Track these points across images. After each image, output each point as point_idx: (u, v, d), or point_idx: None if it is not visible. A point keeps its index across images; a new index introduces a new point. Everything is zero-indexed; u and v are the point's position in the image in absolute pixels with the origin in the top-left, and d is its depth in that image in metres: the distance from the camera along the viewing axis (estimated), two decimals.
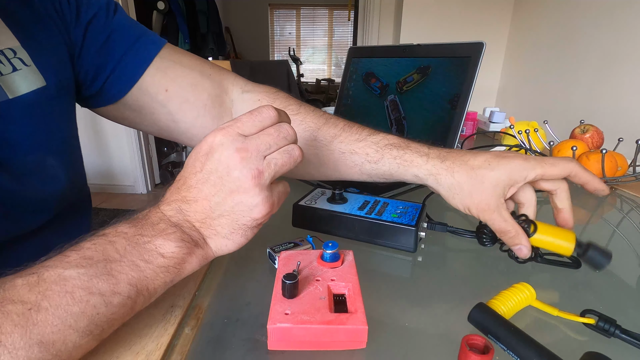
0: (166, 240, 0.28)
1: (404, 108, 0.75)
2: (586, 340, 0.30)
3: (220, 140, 0.29)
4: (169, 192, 0.31)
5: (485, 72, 2.06)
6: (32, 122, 0.34)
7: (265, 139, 0.30)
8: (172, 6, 3.02)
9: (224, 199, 0.30)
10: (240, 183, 0.29)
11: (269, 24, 5.03)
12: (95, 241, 0.27)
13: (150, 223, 0.29)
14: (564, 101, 1.52)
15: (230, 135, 0.29)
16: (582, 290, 0.37)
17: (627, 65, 1.20)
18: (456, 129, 0.66)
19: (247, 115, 0.30)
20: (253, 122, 0.30)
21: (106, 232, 0.28)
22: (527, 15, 1.86)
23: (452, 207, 0.39)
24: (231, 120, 0.30)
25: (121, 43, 0.40)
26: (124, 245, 0.27)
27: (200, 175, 0.30)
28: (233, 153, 0.29)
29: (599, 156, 0.65)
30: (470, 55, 0.64)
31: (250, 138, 0.30)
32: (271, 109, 0.31)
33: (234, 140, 0.29)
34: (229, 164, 0.29)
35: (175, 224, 0.30)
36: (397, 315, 0.33)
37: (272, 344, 0.28)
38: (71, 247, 0.26)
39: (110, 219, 1.87)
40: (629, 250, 0.47)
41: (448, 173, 0.37)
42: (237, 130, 0.29)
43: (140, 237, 0.28)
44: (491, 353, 0.24)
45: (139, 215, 0.30)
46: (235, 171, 0.29)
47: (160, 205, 0.31)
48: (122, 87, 0.40)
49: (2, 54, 0.32)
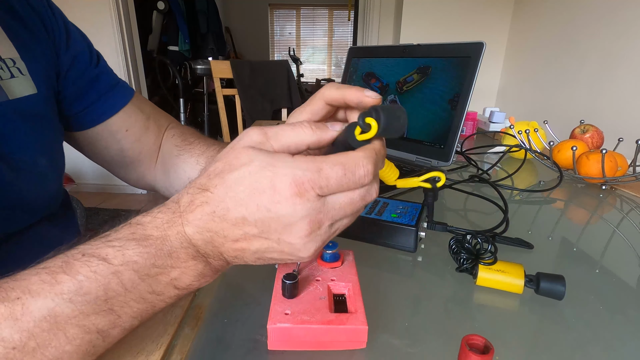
0: (185, 274, 0.25)
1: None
2: None
3: (294, 194, 0.22)
4: (196, 209, 0.24)
5: (485, 72, 2.06)
6: (25, 123, 0.38)
7: (346, 209, 0.24)
8: (172, 6, 3.01)
9: (270, 253, 0.25)
10: (297, 252, 0.25)
11: (269, 24, 5.03)
12: (95, 268, 0.22)
13: (168, 249, 0.24)
14: (564, 101, 1.52)
15: (308, 197, 0.23)
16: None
17: (627, 65, 1.20)
18: (456, 129, 0.66)
19: (339, 171, 0.23)
20: (340, 183, 0.23)
21: (109, 255, 0.23)
22: (527, 15, 1.86)
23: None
24: (315, 169, 0.22)
25: (103, 84, 0.47)
26: (131, 278, 0.23)
27: (251, 222, 0.23)
28: (304, 224, 0.23)
29: (599, 156, 0.65)
30: (470, 55, 0.64)
31: (328, 205, 0.24)
32: (369, 166, 0.23)
33: (312, 207, 0.23)
34: (293, 232, 0.23)
35: (202, 254, 0.25)
36: (397, 315, 0.33)
37: (272, 344, 0.28)
38: (64, 264, 0.22)
39: (110, 218, 1.86)
40: (629, 250, 0.47)
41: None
42: (317, 191, 0.23)
43: (153, 267, 0.24)
44: (491, 353, 0.24)
45: (153, 232, 0.24)
46: (297, 241, 0.24)
47: (184, 224, 0.24)
48: (94, 119, 0.46)
49: (4, 62, 0.36)
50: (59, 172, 0.44)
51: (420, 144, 0.72)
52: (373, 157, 0.24)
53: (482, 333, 0.26)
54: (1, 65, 0.36)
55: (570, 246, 0.47)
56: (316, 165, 0.23)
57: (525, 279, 0.35)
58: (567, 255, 0.45)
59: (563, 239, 0.49)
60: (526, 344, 0.30)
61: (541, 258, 0.43)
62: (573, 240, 0.49)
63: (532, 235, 0.49)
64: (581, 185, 0.70)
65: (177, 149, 0.51)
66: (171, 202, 0.26)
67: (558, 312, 0.33)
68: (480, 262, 0.36)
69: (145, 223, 0.25)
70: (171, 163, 0.51)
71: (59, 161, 0.45)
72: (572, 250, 0.46)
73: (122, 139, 0.49)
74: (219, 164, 0.25)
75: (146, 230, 0.24)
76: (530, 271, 0.35)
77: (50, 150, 0.42)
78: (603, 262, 0.44)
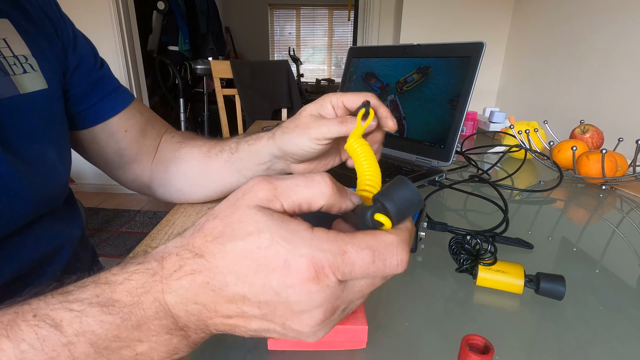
0: (154, 349, 0.21)
1: (404, 108, 0.75)
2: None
3: (311, 279, 0.19)
4: (184, 277, 0.20)
5: (485, 72, 2.06)
6: (36, 116, 0.40)
7: (365, 291, 0.22)
8: (172, 6, 3.01)
9: (270, 334, 0.22)
10: (304, 338, 0.21)
11: (269, 24, 5.03)
12: (44, 336, 0.19)
13: (136, 319, 0.20)
14: (564, 101, 1.52)
15: (328, 283, 0.19)
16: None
17: (627, 65, 1.20)
18: (456, 129, 0.66)
19: (367, 257, 0.20)
20: (367, 271, 0.20)
21: (63, 321, 0.19)
22: (527, 15, 1.86)
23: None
24: (339, 251, 0.19)
25: (106, 87, 0.49)
26: (85, 352, 0.19)
27: (253, 302, 0.20)
28: (319, 313, 0.20)
29: (599, 156, 0.65)
30: (470, 55, 0.64)
31: (348, 289, 0.21)
32: (403, 254, 0.20)
33: (331, 294, 0.20)
34: (303, 320, 0.20)
35: (181, 327, 0.21)
36: (397, 315, 0.33)
37: (272, 344, 0.28)
38: (9, 324, 0.19)
39: (110, 218, 1.85)
40: (629, 250, 0.47)
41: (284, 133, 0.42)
42: (339, 277, 0.19)
43: (116, 340, 0.20)
44: (491, 353, 0.24)
45: (122, 296, 0.20)
46: (307, 330, 0.20)
47: (165, 292, 0.20)
48: (95, 119, 0.48)
49: (16, 59, 0.38)
50: (67, 166, 0.45)
51: (420, 144, 0.72)
52: (407, 242, 0.21)
53: (482, 333, 0.26)
54: (14, 61, 0.38)
55: (570, 246, 0.47)
56: (340, 247, 0.19)
57: (525, 279, 0.35)
58: (567, 255, 0.45)
59: (563, 239, 0.49)
60: (526, 344, 0.30)
61: (541, 258, 0.43)
62: (573, 240, 0.49)
63: (532, 235, 0.49)
64: (581, 185, 0.70)
65: (178, 144, 0.53)
66: (152, 260, 0.21)
67: (558, 312, 0.33)
68: (480, 262, 0.36)
69: (115, 284, 0.20)
70: (171, 157, 0.52)
71: (67, 156, 0.46)
72: (572, 250, 0.46)
73: (121, 140, 0.50)
74: (217, 222, 0.21)
75: (114, 294, 0.20)
76: (530, 271, 0.35)
77: (59, 144, 0.43)
78: (603, 262, 0.44)
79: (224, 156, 0.49)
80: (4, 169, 0.35)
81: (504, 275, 0.35)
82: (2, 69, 0.37)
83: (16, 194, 0.37)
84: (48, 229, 0.43)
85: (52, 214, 0.44)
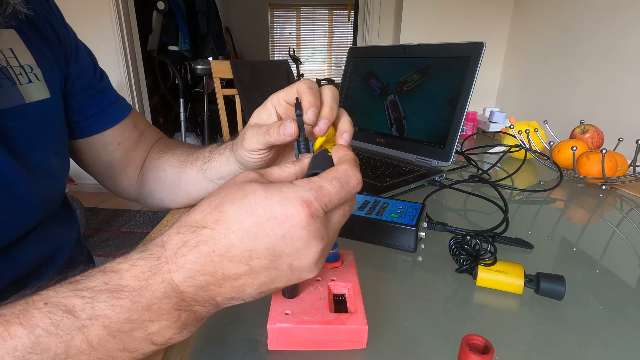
0: (165, 327, 0.22)
1: (403, 108, 0.75)
2: None
3: (307, 215, 0.22)
4: (190, 251, 0.22)
5: (485, 72, 2.06)
6: (40, 124, 0.41)
7: (342, 221, 0.26)
8: (172, 6, 3.02)
9: (276, 283, 0.24)
10: (307, 274, 0.24)
11: (269, 24, 5.03)
12: (58, 322, 0.20)
13: (146, 301, 0.21)
14: (564, 101, 1.52)
15: (318, 215, 0.23)
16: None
17: (627, 65, 1.20)
18: (456, 129, 0.66)
19: (337, 185, 0.24)
20: (340, 196, 0.24)
21: (76, 307, 0.20)
22: (527, 15, 1.86)
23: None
24: (316, 187, 0.23)
25: (105, 100, 0.50)
26: (99, 335, 0.20)
27: (260, 254, 0.22)
28: (317, 243, 0.23)
29: (599, 156, 0.65)
30: (470, 55, 0.64)
31: (331, 219, 0.25)
32: (358, 174, 0.26)
33: (321, 224, 0.23)
34: (307, 254, 0.23)
35: (188, 302, 0.23)
36: (397, 315, 0.33)
37: (272, 344, 0.28)
38: (21, 313, 0.20)
39: (110, 218, 1.86)
40: (629, 250, 0.47)
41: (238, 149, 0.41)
42: (324, 208, 0.23)
43: (127, 322, 0.21)
44: (491, 353, 0.24)
45: (130, 282, 0.21)
46: (310, 262, 0.24)
47: (172, 271, 0.22)
48: (91, 130, 0.49)
49: (22, 68, 0.39)
50: (66, 172, 0.46)
51: (420, 144, 0.72)
52: (356, 166, 0.27)
53: (482, 333, 0.26)
54: (20, 71, 0.39)
55: (570, 246, 0.47)
56: (316, 184, 0.24)
57: (525, 279, 0.35)
58: (567, 255, 0.45)
59: (563, 239, 0.49)
60: (526, 344, 0.30)
61: (541, 258, 0.43)
62: (573, 240, 0.49)
63: (532, 235, 0.49)
64: (581, 185, 0.70)
65: (159, 154, 0.53)
66: (154, 247, 0.23)
67: (558, 312, 0.33)
68: (480, 262, 0.36)
69: (122, 271, 0.22)
70: (150, 166, 0.52)
71: (66, 162, 0.47)
72: (572, 250, 0.46)
73: (113, 152, 0.51)
74: (214, 198, 0.23)
75: (122, 280, 0.21)
76: (530, 271, 0.35)
77: (60, 152, 0.44)
78: (603, 262, 0.44)
79: (197, 164, 0.48)
80: (12, 176, 0.36)
81: (503, 276, 0.35)
82: (9, 79, 0.37)
83: (24, 200, 0.38)
84: (47, 232, 0.43)
85: (51, 218, 0.45)
